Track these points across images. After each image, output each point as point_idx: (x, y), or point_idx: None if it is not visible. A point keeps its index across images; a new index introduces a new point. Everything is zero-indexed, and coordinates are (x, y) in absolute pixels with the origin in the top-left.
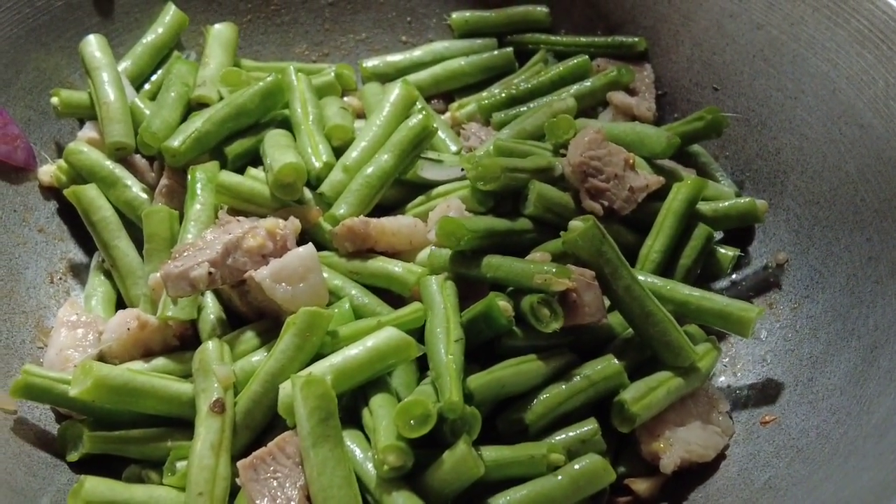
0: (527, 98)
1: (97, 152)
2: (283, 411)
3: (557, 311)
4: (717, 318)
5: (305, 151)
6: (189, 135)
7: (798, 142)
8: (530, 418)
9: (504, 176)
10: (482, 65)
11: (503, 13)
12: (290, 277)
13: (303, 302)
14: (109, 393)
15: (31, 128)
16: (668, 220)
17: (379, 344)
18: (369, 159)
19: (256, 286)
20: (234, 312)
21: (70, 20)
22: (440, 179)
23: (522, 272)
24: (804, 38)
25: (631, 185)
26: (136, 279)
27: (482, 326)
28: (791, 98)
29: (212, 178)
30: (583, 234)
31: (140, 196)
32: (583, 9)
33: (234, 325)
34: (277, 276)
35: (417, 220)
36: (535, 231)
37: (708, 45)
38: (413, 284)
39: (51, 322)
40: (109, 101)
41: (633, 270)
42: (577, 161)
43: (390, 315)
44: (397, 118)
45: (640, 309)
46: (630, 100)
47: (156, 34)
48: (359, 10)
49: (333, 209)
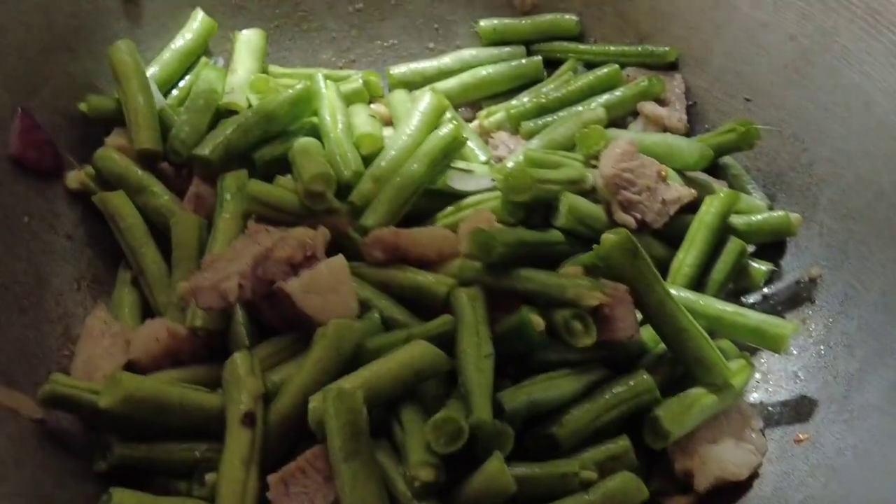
0: (556, 107)
1: (126, 158)
2: (314, 424)
3: (590, 326)
4: (750, 335)
5: (335, 160)
6: (218, 142)
7: (831, 155)
8: (561, 434)
9: (535, 187)
10: (511, 73)
11: (532, 21)
12: (321, 289)
13: (333, 313)
14: (139, 405)
15: (59, 133)
16: (700, 233)
17: (410, 357)
18: (399, 168)
19: (286, 297)
20: (262, 322)
21: (98, 25)
22: (470, 190)
23: (555, 286)
24: (838, 49)
25: (663, 198)
26: (164, 287)
27: (514, 340)
28: (824, 110)
29: (241, 187)
30: (616, 247)
31: (168, 203)
32: (612, 17)
33: (262, 336)
34: (308, 287)
35: (448, 231)
36: (566, 243)
37: (740, 56)
38: (443, 296)
39: (78, 330)
40: (138, 108)
41: (666, 285)
42: (609, 173)
43: (420, 327)
44: (427, 127)
45: (674, 324)
46: (661, 110)
47: (184, 40)
48: (386, 16)
49: (363, 219)
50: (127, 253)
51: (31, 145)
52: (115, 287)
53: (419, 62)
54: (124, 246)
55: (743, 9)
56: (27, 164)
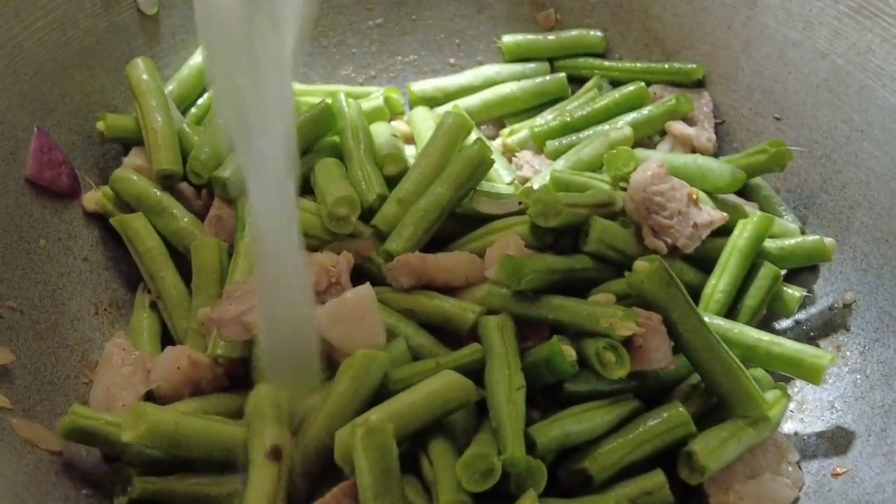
0: (581, 126)
1: (144, 179)
2: (341, 459)
3: (624, 357)
4: (786, 365)
5: (358, 182)
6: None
7: (865, 176)
8: (594, 469)
9: (565, 212)
10: (534, 90)
11: (556, 37)
12: (348, 318)
13: (360, 343)
14: (162, 438)
15: (76, 153)
16: (733, 258)
17: (438, 388)
18: (424, 191)
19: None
20: None
21: (115, 42)
22: (497, 213)
23: (587, 315)
24: (871, 68)
25: (695, 222)
26: (184, 312)
27: (544, 371)
28: (857, 131)
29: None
30: (649, 275)
31: (188, 226)
32: (638, 33)
33: None
34: (335, 316)
35: (474, 256)
36: (596, 269)
37: (769, 74)
38: (470, 324)
39: (96, 356)
40: (157, 127)
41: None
42: (640, 197)
43: (448, 357)
44: (452, 148)
45: (709, 355)
46: (689, 130)
47: (202, 57)
48: (407, 31)
49: (388, 244)
50: (146, 277)
51: (47, 165)
52: (133, 312)
53: (440, 78)
54: (143, 270)
55: (772, 25)
56: (43, 184)
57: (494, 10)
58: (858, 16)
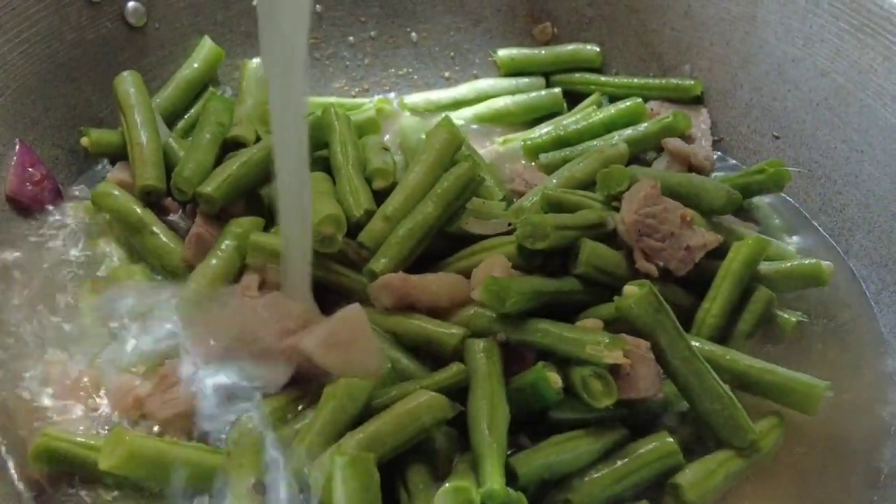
0: (576, 140)
1: (127, 195)
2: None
3: (611, 386)
4: (779, 393)
5: (345, 198)
6: (223, 180)
7: (865, 198)
8: (578, 501)
9: (553, 235)
10: (529, 105)
11: (552, 52)
12: (341, 343)
13: (357, 367)
14: (141, 465)
15: (59, 166)
16: (726, 282)
17: (413, 407)
18: (411, 208)
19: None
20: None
21: (102, 54)
22: (486, 233)
23: (573, 342)
24: (872, 87)
25: (688, 244)
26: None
27: (529, 397)
28: (858, 151)
29: (242, 235)
30: (638, 301)
31: (168, 244)
32: (635, 48)
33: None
34: (327, 343)
35: (460, 276)
36: (585, 291)
37: (768, 91)
38: (453, 346)
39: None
40: (142, 143)
41: (690, 339)
42: (631, 220)
43: (429, 378)
44: (441, 164)
45: (699, 383)
46: (687, 147)
47: (191, 69)
48: (401, 44)
49: (372, 263)
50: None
51: (29, 181)
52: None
53: (434, 91)
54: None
55: (772, 41)
56: (25, 201)
57: (490, 24)
58: (860, 34)
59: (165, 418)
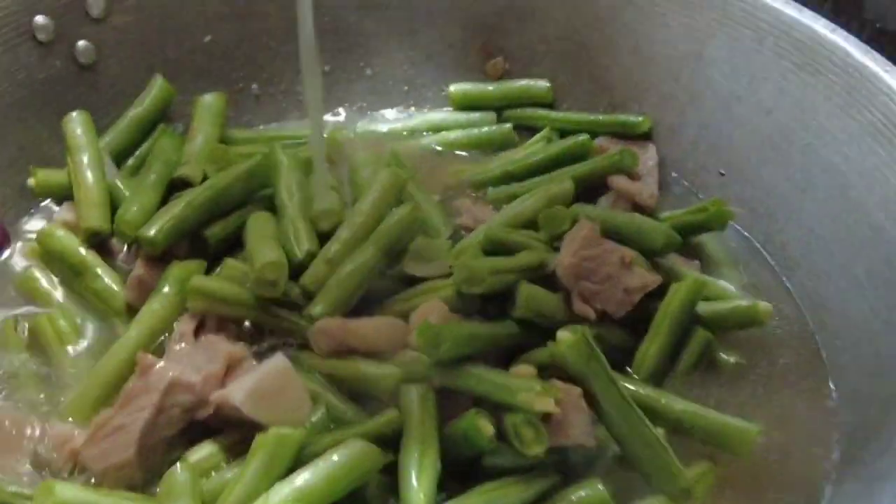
0: (523, 175)
1: (71, 237)
2: None
3: (541, 433)
4: (713, 437)
5: (288, 239)
6: (165, 222)
7: (805, 237)
8: None
9: (489, 280)
10: (480, 138)
11: (503, 87)
12: (269, 395)
13: (286, 417)
14: None
15: (7, 205)
16: (664, 323)
17: (342, 459)
18: (352, 251)
19: (232, 408)
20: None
21: (52, 93)
22: (426, 275)
23: (505, 389)
24: (814, 127)
25: (626, 286)
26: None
27: (462, 444)
28: (800, 190)
29: (182, 279)
30: (570, 348)
31: (111, 286)
32: (586, 84)
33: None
34: (255, 395)
35: (398, 320)
36: (523, 335)
37: (715, 128)
38: (390, 389)
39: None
40: (88, 184)
41: (625, 383)
42: (569, 262)
43: (364, 426)
44: (385, 204)
45: (630, 429)
46: (633, 186)
47: (141, 107)
48: (353, 78)
49: (310, 307)
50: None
51: None
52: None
53: (385, 123)
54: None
55: (718, 79)
56: None
57: (443, 58)
58: (802, 72)
59: (101, 469)
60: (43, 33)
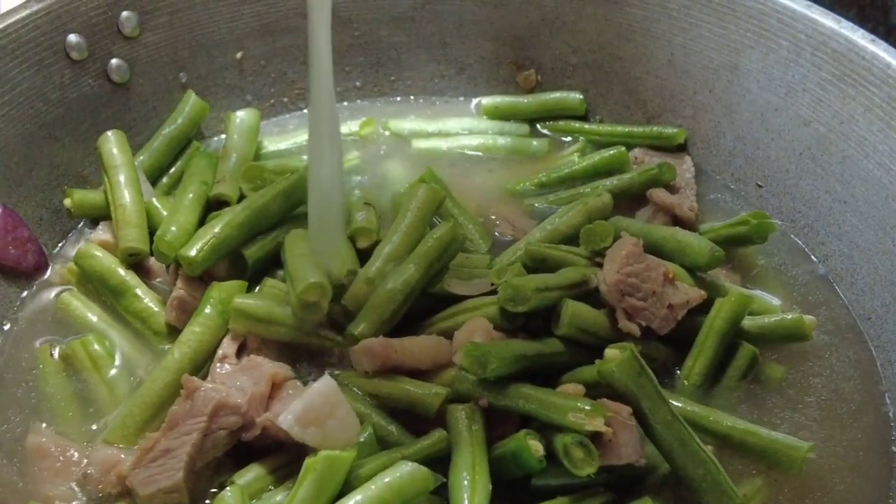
0: (558, 186)
1: (110, 257)
2: None
3: (592, 453)
4: (761, 454)
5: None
6: (206, 242)
7: (848, 250)
8: None
9: (535, 297)
10: (515, 146)
11: (536, 99)
12: (317, 418)
13: (335, 439)
14: None
15: (43, 227)
16: (709, 339)
17: (393, 482)
18: (393, 271)
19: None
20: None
21: (85, 112)
22: (468, 294)
23: (555, 408)
24: (855, 138)
25: (670, 303)
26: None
27: (511, 465)
28: (840, 202)
29: (224, 300)
30: (619, 366)
31: (150, 307)
32: (620, 95)
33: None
34: (304, 419)
35: (442, 339)
36: (568, 353)
37: (751, 140)
38: (435, 408)
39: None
40: (125, 204)
41: (672, 400)
42: (613, 279)
43: (412, 448)
44: (423, 222)
45: (681, 448)
46: (671, 198)
47: (175, 125)
48: (385, 92)
49: (351, 327)
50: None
51: (12, 244)
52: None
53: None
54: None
55: (754, 90)
56: (8, 264)
57: (474, 71)
58: (842, 83)
59: (150, 494)
60: (76, 52)
